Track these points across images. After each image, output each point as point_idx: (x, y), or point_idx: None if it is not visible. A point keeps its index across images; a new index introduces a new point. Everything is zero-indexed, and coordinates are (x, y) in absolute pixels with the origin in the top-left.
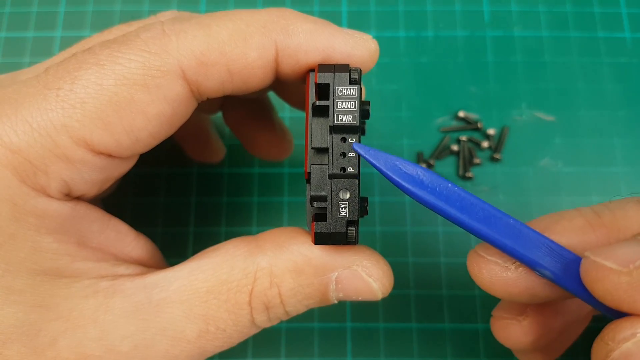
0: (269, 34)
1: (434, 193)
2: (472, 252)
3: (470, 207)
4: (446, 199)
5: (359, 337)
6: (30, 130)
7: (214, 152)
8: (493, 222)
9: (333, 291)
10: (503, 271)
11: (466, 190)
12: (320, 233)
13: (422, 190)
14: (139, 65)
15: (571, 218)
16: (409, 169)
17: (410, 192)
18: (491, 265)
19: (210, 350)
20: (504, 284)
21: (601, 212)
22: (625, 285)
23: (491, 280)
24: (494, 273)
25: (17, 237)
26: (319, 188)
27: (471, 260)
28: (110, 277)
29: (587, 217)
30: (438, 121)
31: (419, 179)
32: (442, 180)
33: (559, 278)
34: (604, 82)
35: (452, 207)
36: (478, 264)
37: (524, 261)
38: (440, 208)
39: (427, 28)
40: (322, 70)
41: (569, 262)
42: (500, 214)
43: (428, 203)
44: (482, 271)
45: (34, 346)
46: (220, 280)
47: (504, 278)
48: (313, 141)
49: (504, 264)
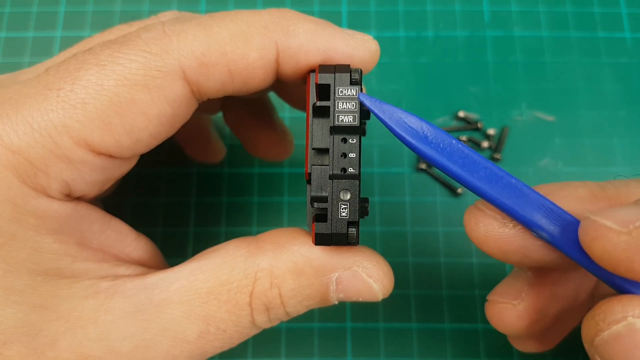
0: (270, 34)
1: (437, 149)
2: (471, 207)
3: (472, 165)
4: (449, 155)
5: (359, 337)
6: (31, 130)
7: (214, 152)
8: (494, 180)
9: (333, 292)
10: (499, 227)
11: (470, 148)
12: (320, 234)
13: (426, 145)
14: (140, 65)
15: (576, 187)
16: (413, 123)
17: (413, 147)
18: (489, 219)
19: (210, 351)
20: (499, 240)
21: (605, 187)
22: (624, 245)
23: (486, 235)
24: (490, 228)
25: (18, 237)
26: (320, 189)
27: (469, 213)
28: (111, 277)
29: (591, 188)
30: (438, 121)
31: (424, 134)
32: (446, 136)
33: (557, 240)
34: (604, 82)
35: (454, 164)
36: (476, 217)
37: (523, 221)
38: (442, 164)
39: (427, 28)
40: (323, 71)
41: (567, 224)
42: (502, 173)
43: (430, 158)
44: (478, 224)
45: (34, 347)
46: (221, 280)
47: (499, 234)
48: (314, 142)
49: (502, 220)
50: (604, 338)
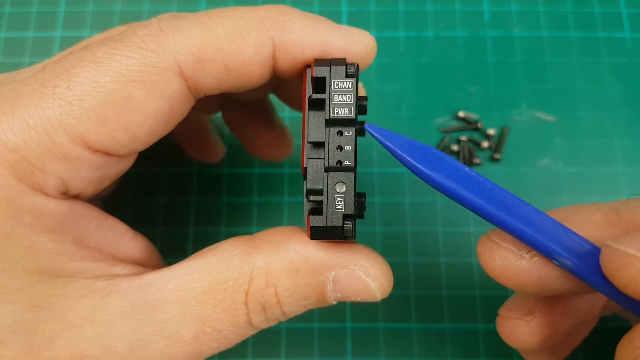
0: (266, 30)
1: (451, 177)
2: (484, 238)
3: (488, 193)
4: (463, 183)
5: (359, 337)
6: (27, 128)
7: (213, 152)
8: (512, 208)
9: (331, 291)
10: (517, 259)
11: (483, 176)
12: (315, 227)
13: (439, 173)
14: (136, 62)
15: (590, 212)
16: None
17: (426, 176)
18: (504, 252)
19: (207, 351)
20: (516, 272)
21: (620, 209)
22: None
23: (503, 268)
24: (507, 261)
25: (13, 236)
26: (315, 182)
27: (483, 246)
28: (107, 277)
29: (606, 212)
30: (438, 121)
31: (435, 163)
32: (458, 164)
33: (578, 268)
34: (604, 82)
35: (469, 192)
36: (490, 250)
37: (542, 249)
38: (458, 193)
39: (427, 28)
40: (319, 64)
41: (588, 252)
42: (519, 201)
43: (445, 187)
44: (494, 257)
45: (30, 346)
46: (217, 280)
47: (516, 266)
48: (309, 135)
49: (518, 252)
50: None
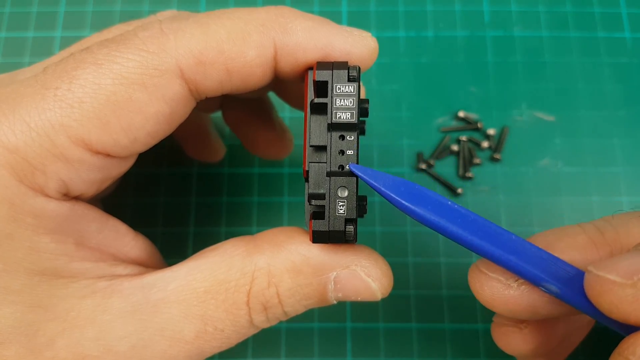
0: (268, 32)
1: (435, 211)
2: (474, 268)
3: (472, 224)
4: (447, 216)
5: (359, 337)
6: (28, 129)
7: (214, 152)
8: (496, 238)
9: (332, 291)
10: (505, 289)
11: (467, 208)
12: (318, 231)
13: (423, 208)
14: (137, 64)
15: (574, 235)
16: (408, 188)
17: (410, 211)
18: (493, 282)
19: (208, 351)
20: (506, 301)
21: (604, 229)
22: (630, 297)
23: (493, 297)
24: (495, 290)
25: (15, 237)
26: (317, 186)
27: (472, 276)
28: (108, 277)
29: (590, 234)
30: (438, 121)
31: (419, 198)
32: (442, 198)
33: (565, 293)
34: (604, 82)
35: (454, 225)
36: (480, 280)
37: (529, 277)
38: (442, 226)
39: (427, 28)
40: (321, 68)
41: (573, 277)
42: (502, 231)
43: (430, 222)
44: (483, 288)
45: (31, 346)
46: (218, 280)
47: (505, 296)
48: (311, 139)
49: (506, 282)
50: None
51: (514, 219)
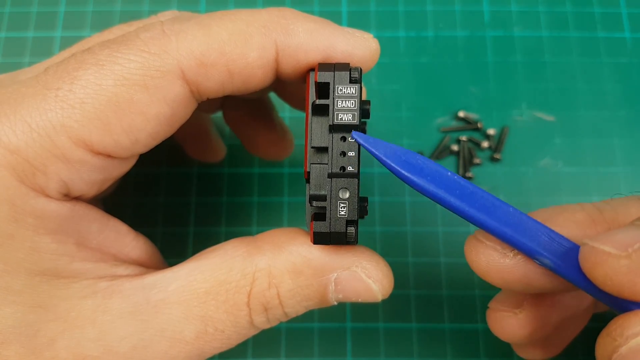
0: (269, 33)
1: (434, 181)
2: (471, 237)
3: (470, 196)
4: (446, 187)
5: (359, 337)
6: (29, 130)
7: (214, 152)
8: (493, 210)
9: (332, 292)
10: (500, 257)
11: (465, 179)
12: (319, 232)
13: (422, 178)
14: (139, 65)
15: (573, 212)
16: (408, 157)
17: (409, 181)
18: (489, 251)
19: (208, 352)
20: (501, 270)
21: (603, 209)
22: (624, 269)
23: (488, 266)
24: (491, 259)
25: (16, 237)
26: (319, 187)
27: (469, 245)
28: (109, 277)
29: (589, 212)
30: (438, 121)
31: (419, 168)
32: (441, 169)
33: (559, 266)
34: (604, 82)
35: (451, 196)
36: (476, 248)
37: (524, 249)
38: (440, 196)
39: (427, 28)
40: (323, 69)
41: (568, 250)
42: (500, 203)
43: (428, 191)
44: (479, 256)
45: (32, 347)
46: (219, 281)
47: (501, 264)
48: (313, 140)
49: (502, 250)
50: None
51: None
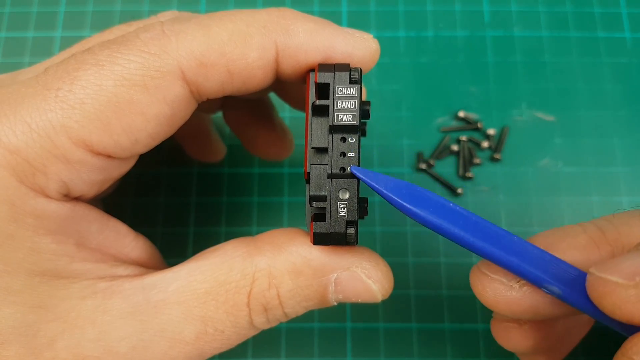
0: (269, 34)
1: (437, 213)
2: (475, 269)
3: (473, 226)
4: (449, 218)
5: (359, 337)
6: (29, 130)
7: (214, 152)
8: (497, 240)
9: (332, 293)
10: (507, 290)
11: (468, 210)
12: (319, 233)
13: (424, 210)
14: (138, 66)
15: (575, 235)
16: (410, 190)
17: (412, 213)
18: (495, 284)
19: (208, 352)
20: (508, 302)
21: (605, 229)
22: (633, 298)
23: (495, 299)
24: (498, 292)
25: (16, 237)
26: (318, 188)
27: (474, 278)
28: (109, 278)
29: (591, 234)
30: (438, 121)
31: (421, 200)
32: (443, 200)
33: (567, 294)
34: (604, 82)
35: (455, 227)
36: (482, 282)
37: (531, 278)
38: (444, 228)
39: (427, 28)
40: (323, 70)
41: (575, 278)
42: (504, 232)
43: (431, 223)
44: (485, 290)
45: (32, 347)
46: (219, 281)
47: (507, 297)
48: (313, 141)
49: (508, 283)
50: None
51: (514, 219)
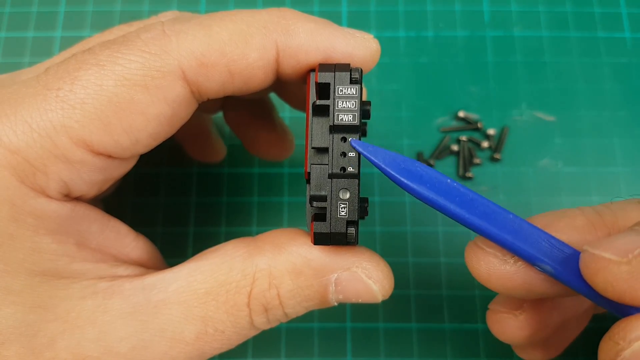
0: (270, 34)
1: (433, 189)
2: (471, 243)
3: (469, 203)
4: (445, 194)
5: (359, 337)
6: (30, 130)
7: (214, 152)
8: (493, 217)
9: (332, 293)
10: (501, 264)
11: (465, 186)
12: (319, 233)
13: (421, 186)
14: (139, 66)
15: (573, 216)
16: (407, 165)
17: (409, 188)
18: (489, 258)
19: (208, 352)
20: (501, 277)
21: (603, 213)
22: (625, 275)
23: (489, 272)
24: (492, 265)
25: (16, 237)
26: (319, 188)
27: (469, 251)
28: (109, 278)
29: (589, 216)
30: (438, 121)
31: (418, 175)
32: (441, 176)
33: (559, 273)
34: (604, 82)
35: (451, 203)
36: (476, 255)
37: (524, 256)
38: (440, 204)
39: (427, 28)
40: (323, 70)
41: (568, 256)
42: (500, 210)
43: (427, 199)
44: (480, 263)
45: (32, 347)
46: (219, 281)
47: (501, 271)
48: (313, 141)
49: (503, 257)
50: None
51: None
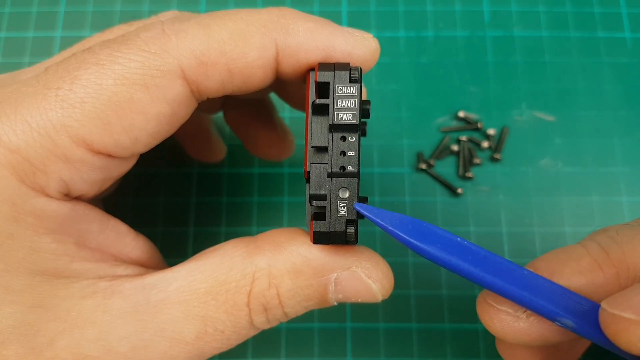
0: (269, 33)
1: (445, 249)
2: (482, 300)
3: (483, 261)
4: (458, 253)
5: (359, 337)
6: (30, 129)
7: (214, 152)
8: (507, 274)
9: (332, 292)
10: (514, 321)
11: (475, 244)
12: (319, 232)
13: (432, 246)
14: (139, 65)
15: (578, 258)
16: (415, 225)
17: (420, 250)
18: (502, 315)
19: (208, 352)
20: (516, 333)
21: (609, 249)
22: None
23: (503, 329)
24: (505, 323)
25: (16, 237)
26: (318, 187)
27: (481, 309)
28: (109, 277)
29: (594, 255)
30: (438, 121)
31: (427, 235)
32: (450, 235)
33: (581, 327)
34: (604, 82)
35: (465, 262)
36: (489, 313)
37: (543, 312)
38: (453, 264)
39: (427, 28)
40: (322, 69)
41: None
42: (514, 266)
43: (440, 260)
44: (493, 321)
45: (32, 346)
46: (219, 281)
47: (515, 327)
48: (313, 140)
49: (515, 314)
50: None
51: (514, 219)
